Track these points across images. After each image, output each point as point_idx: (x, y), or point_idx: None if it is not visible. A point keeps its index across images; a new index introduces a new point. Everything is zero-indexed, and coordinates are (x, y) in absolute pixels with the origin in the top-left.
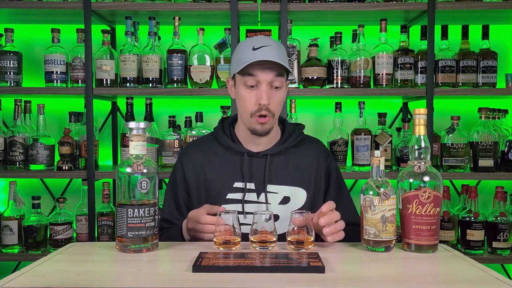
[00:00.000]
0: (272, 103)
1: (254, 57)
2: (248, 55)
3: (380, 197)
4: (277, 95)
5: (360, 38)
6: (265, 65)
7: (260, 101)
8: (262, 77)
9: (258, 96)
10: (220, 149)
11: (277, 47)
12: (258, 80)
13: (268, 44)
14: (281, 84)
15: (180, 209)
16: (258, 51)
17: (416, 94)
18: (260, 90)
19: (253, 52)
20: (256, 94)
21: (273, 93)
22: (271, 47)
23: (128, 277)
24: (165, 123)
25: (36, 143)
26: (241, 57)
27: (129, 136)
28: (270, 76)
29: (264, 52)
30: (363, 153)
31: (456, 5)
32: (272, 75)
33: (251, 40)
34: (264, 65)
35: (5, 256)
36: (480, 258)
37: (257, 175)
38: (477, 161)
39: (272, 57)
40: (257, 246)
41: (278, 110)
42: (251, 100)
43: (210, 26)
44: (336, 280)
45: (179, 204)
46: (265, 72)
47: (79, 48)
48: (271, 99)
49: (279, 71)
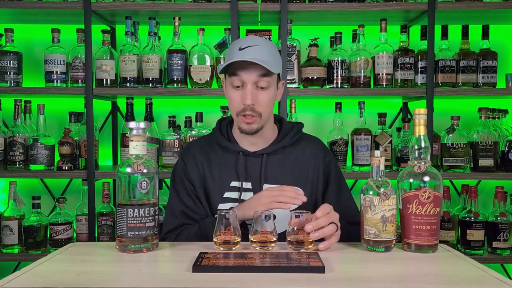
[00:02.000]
0: (257, 103)
1: (238, 57)
2: (233, 56)
3: (380, 197)
4: (263, 95)
5: (360, 38)
6: (248, 65)
7: (244, 101)
8: (246, 77)
9: (243, 96)
10: (217, 148)
11: (265, 46)
12: (242, 80)
13: (255, 44)
14: (267, 85)
15: (193, 200)
16: (243, 51)
17: (416, 94)
18: (245, 91)
19: (239, 52)
20: (241, 94)
21: (259, 93)
22: (258, 47)
23: (128, 277)
24: (165, 123)
25: (36, 143)
26: (228, 57)
27: (129, 136)
28: (253, 77)
29: (248, 52)
30: (363, 153)
31: (456, 5)
32: (256, 75)
33: (240, 40)
34: (249, 65)
35: (5, 256)
36: (480, 258)
37: (254, 174)
38: (477, 161)
39: (255, 57)
40: (257, 246)
41: (266, 110)
42: (237, 99)
43: (210, 26)
44: (336, 280)
45: (191, 196)
46: (248, 72)
47: (79, 48)
48: (257, 99)
49: (265, 71)
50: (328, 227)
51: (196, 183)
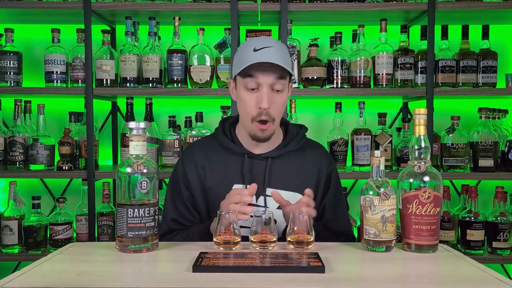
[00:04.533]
0: (273, 107)
1: (255, 58)
2: (249, 57)
3: (380, 197)
4: (278, 98)
5: (360, 38)
6: (266, 67)
7: (260, 105)
8: (262, 79)
9: (259, 99)
10: (220, 150)
11: (279, 48)
12: (258, 82)
13: (270, 45)
14: (282, 87)
15: (187, 208)
16: (259, 52)
17: (416, 94)
18: (261, 93)
19: (254, 53)
20: (257, 97)
21: (274, 96)
22: (273, 48)
23: (128, 277)
24: (165, 123)
25: (36, 143)
26: (242, 58)
27: (129, 136)
28: (271, 79)
29: (265, 54)
30: (363, 153)
31: (456, 5)
32: (273, 77)
33: (252, 40)
34: (265, 67)
35: (5, 256)
36: (480, 258)
37: (257, 178)
38: (477, 161)
39: (273, 59)
40: (257, 246)
41: (279, 114)
42: (251, 103)
43: (210, 26)
44: (336, 280)
45: (186, 204)
46: (266, 74)
47: (79, 48)
48: (272, 102)
49: (281, 74)
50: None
51: (195, 189)
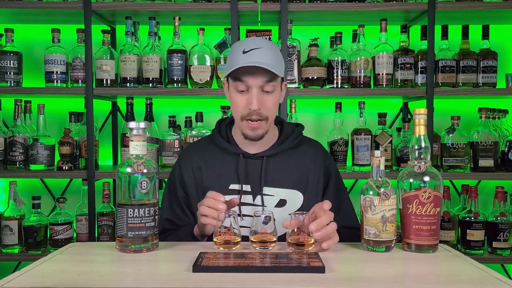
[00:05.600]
0: (263, 107)
1: (243, 61)
2: (238, 59)
3: (380, 197)
4: (269, 98)
5: (360, 38)
6: (255, 70)
7: (250, 106)
8: (251, 82)
9: (249, 100)
10: (216, 151)
11: (270, 49)
12: (248, 85)
13: (259, 47)
14: (273, 89)
15: (182, 209)
16: (247, 54)
17: (416, 94)
18: (251, 95)
19: (243, 56)
20: (247, 99)
21: (265, 97)
22: (262, 49)
23: (128, 277)
24: (165, 123)
25: (36, 143)
26: (232, 60)
27: (129, 136)
28: (259, 82)
29: (254, 56)
30: (363, 153)
31: (456, 5)
32: (262, 80)
33: (243, 42)
34: (254, 70)
35: (5, 256)
36: (480, 258)
37: (253, 177)
38: (477, 161)
39: (262, 62)
40: (257, 246)
41: (272, 113)
42: (241, 104)
43: (210, 26)
44: (336, 280)
45: (181, 205)
46: (254, 77)
47: (79, 48)
48: (263, 103)
49: (271, 76)
50: (330, 225)
51: (190, 189)
